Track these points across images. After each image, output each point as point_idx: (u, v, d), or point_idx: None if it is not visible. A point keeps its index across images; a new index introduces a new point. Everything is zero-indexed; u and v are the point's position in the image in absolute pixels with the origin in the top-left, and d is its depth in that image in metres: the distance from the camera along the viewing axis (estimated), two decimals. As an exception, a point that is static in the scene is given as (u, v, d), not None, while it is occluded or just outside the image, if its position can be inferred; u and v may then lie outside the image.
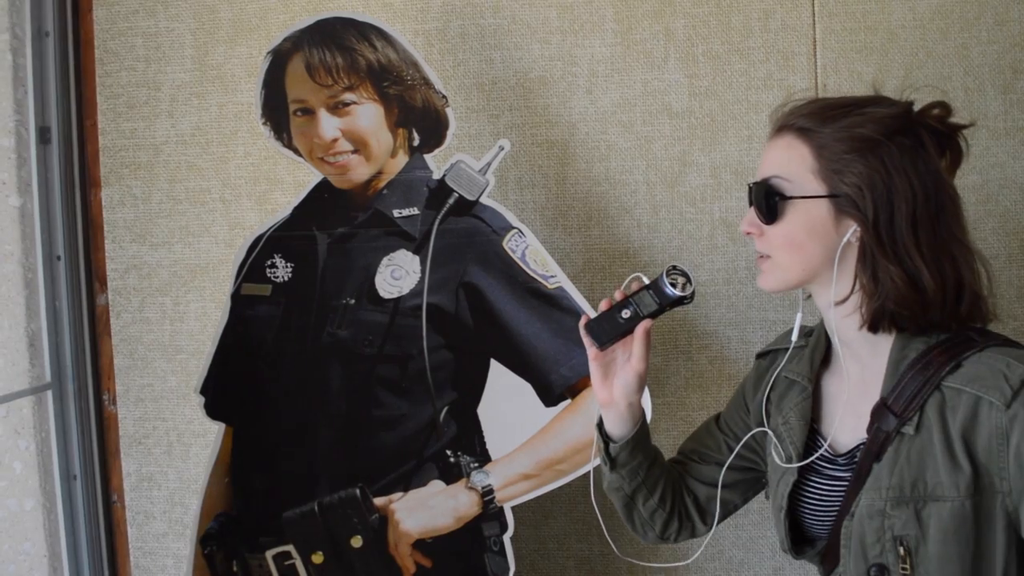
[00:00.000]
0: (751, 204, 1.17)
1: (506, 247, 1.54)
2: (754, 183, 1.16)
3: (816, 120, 1.12)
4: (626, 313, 1.20)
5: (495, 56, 1.75)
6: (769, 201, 1.13)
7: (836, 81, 1.68)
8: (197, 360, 1.82)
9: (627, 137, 1.73)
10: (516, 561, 1.55)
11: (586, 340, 1.22)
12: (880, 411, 1.11)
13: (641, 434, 1.29)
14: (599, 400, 1.26)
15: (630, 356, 1.22)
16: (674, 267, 1.21)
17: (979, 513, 1.03)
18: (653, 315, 1.20)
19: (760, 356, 1.37)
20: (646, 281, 1.22)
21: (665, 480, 1.33)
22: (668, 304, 1.20)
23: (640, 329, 1.20)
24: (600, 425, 1.30)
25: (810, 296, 1.21)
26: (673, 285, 1.20)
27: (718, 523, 1.34)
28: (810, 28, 1.70)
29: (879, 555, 1.08)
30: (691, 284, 1.20)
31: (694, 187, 1.72)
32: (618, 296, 1.22)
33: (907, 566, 1.06)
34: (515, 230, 1.55)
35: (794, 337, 1.24)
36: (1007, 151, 1.67)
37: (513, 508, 1.55)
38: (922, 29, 1.67)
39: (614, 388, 1.24)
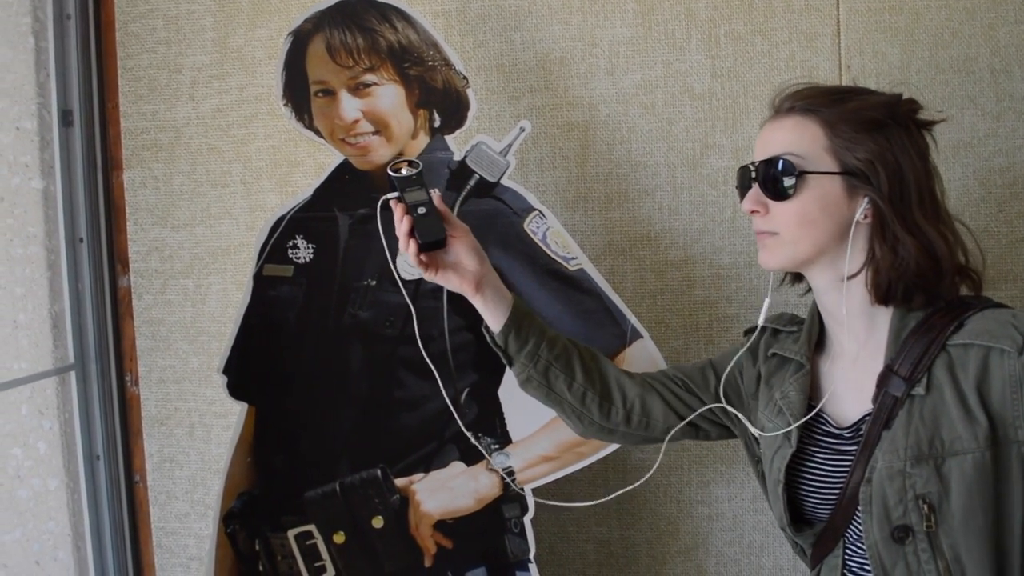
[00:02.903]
0: (750, 184, 1.19)
1: (527, 228, 1.54)
2: (760, 162, 1.18)
3: (822, 102, 1.17)
4: (421, 209, 1.30)
5: (515, 37, 1.75)
6: (783, 178, 1.15)
7: (860, 62, 1.66)
8: (219, 341, 1.83)
9: (648, 119, 1.73)
10: (536, 543, 1.56)
11: (420, 267, 1.32)
12: (887, 377, 1.13)
13: (518, 314, 1.35)
14: (469, 295, 1.34)
15: (450, 235, 1.32)
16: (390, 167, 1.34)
17: (998, 465, 1.05)
18: (423, 196, 1.31)
19: (748, 333, 1.40)
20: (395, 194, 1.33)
21: (582, 361, 1.37)
22: (419, 182, 1.32)
23: (439, 203, 1.32)
24: (486, 329, 1.37)
25: (785, 280, 1.28)
26: (398, 171, 1.32)
27: (670, 439, 1.40)
28: (834, 8, 1.68)
29: (902, 516, 1.09)
30: (416, 164, 1.34)
31: (716, 169, 1.71)
32: (404, 218, 1.30)
33: (931, 523, 1.07)
34: (536, 212, 1.55)
35: (760, 321, 1.31)
36: (1034, 133, 1.65)
37: (534, 490, 1.55)
38: (948, 9, 1.65)
39: (462, 270, 1.32)
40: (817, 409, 1.21)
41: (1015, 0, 1.64)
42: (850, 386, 1.20)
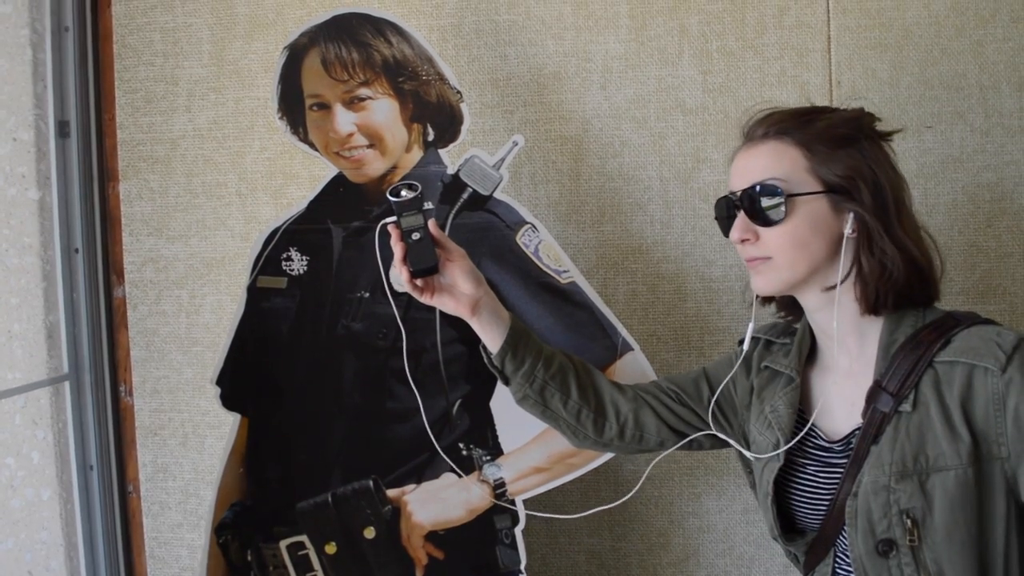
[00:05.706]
0: (734, 213, 1.19)
1: (519, 242, 1.55)
2: (743, 190, 1.18)
3: (793, 124, 1.18)
4: (416, 235, 1.32)
5: (509, 52, 1.76)
6: (772, 203, 1.15)
7: (851, 78, 1.68)
8: (212, 352, 1.84)
9: (641, 133, 1.74)
10: (527, 554, 1.56)
11: (415, 292, 1.34)
12: (875, 393, 1.14)
13: (515, 335, 1.35)
14: (465, 318, 1.35)
15: (445, 259, 1.34)
16: (391, 190, 1.35)
17: (980, 481, 1.06)
18: (419, 222, 1.33)
19: (741, 342, 1.40)
20: (392, 217, 1.34)
21: (578, 378, 1.38)
22: (417, 206, 1.34)
23: (433, 230, 1.34)
24: (484, 349, 1.38)
25: (767, 304, 1.29)
26: (397, 194, 1.33)
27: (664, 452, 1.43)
28: (825, 25, 1.69)
29: (886, 530, 1.10)
30: (415, 188, 1.35)
31: (707, 183, 1.73)
32: (397, 244, 1.32)
33: (914, 538, 1.08)
34: (528, 225, 1.56)
35: (745, 346, 1.32)
36: (1022, 149, 1.66)
37: (525, 501, 1.56)
38: (937, 26, 1.67)
39: (458, 293, 1.34)
40: (808, 426, 1.21)
41: (1004, 18, 1.65)
42: (841, 401, 1.21)
